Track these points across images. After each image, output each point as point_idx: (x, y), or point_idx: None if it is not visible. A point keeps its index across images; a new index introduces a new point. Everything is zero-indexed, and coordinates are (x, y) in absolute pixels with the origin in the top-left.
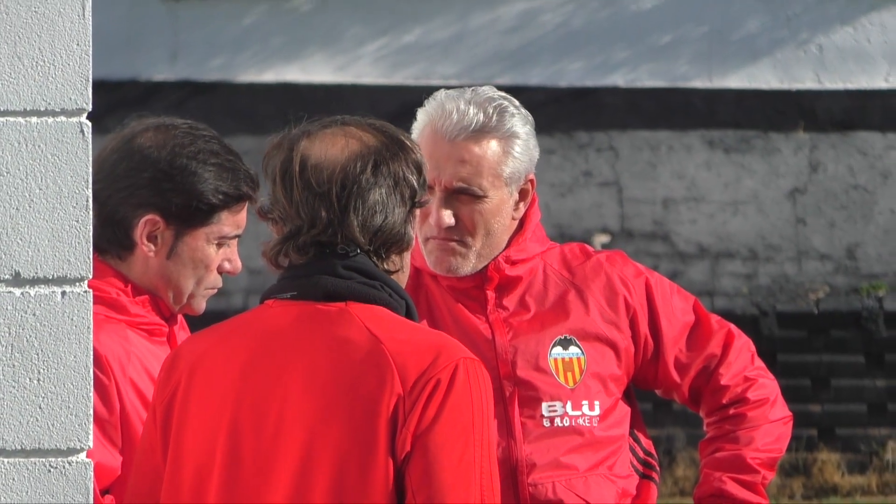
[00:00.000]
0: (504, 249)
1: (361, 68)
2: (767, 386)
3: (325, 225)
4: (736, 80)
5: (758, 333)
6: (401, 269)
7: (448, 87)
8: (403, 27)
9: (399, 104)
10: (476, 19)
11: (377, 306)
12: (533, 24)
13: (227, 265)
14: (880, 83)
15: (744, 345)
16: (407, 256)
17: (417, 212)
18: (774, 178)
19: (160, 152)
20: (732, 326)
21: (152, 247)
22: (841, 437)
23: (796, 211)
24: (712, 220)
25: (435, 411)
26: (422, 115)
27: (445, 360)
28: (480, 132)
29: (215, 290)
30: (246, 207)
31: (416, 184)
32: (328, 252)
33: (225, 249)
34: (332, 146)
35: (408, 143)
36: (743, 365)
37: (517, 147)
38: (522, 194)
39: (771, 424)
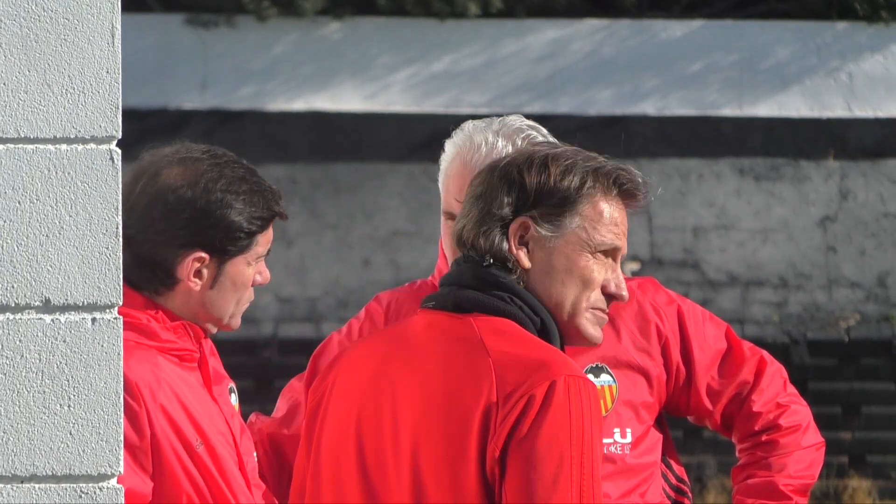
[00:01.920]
0: None
1: (391, 96)
2: (800, 412)
3: (463, 226)
4: (766, 109)
5: (788, 361)
6: (527, 277)
7: (478, 116)
8: (433, 55)
9: (428, 132)
10: (506, 47)
11: (504, 319)
12: (562, 53)
13: (258, 278)
14: None
15: (776, 371)
16: (519, 271)
17: (516, 228)
18: (805, 206)
19: (194, 191)
20: (764, 353)
21: (199, 281)
22: (872, 464)
23: (827, 239)
24: (742, 248)
25: (528, 427)
26: (450, 147)
27: (544, 376)
28: None
29: (248, 304)
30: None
31: (507, 202)
32: (468, 261)
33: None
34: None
35: (526, 160)
36: (775, 391)
37: None
38: None
39: (803, 451)
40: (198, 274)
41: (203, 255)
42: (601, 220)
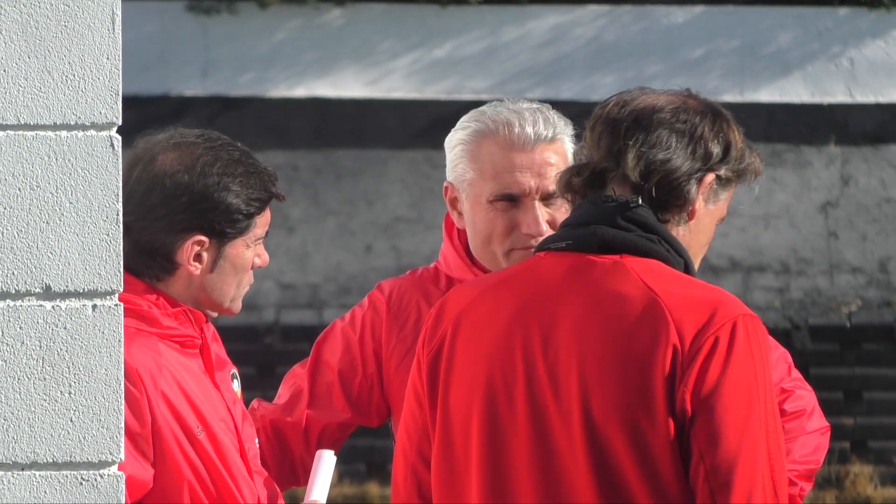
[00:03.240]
0: None
1: (393, 83)
2: (805, 397)
3: (605, 152)
4: (767, 94)
5: (790, 347)
6: (682, 227)
7: (480, 102)
8: (434, 42)
9: (430, 118)
10: (507, 34)
11: (653, 260)
12: (565, 39)
13: (257, 261)
14: None
15: (780, 356)
16: (686, 222)
17: (710, 181)
18: (806, 192)
19: (191, 175)
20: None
21: (199, 265)
22: (874, 449)
23: (828, 224)
24: (744, 233)
25: (718, 371)
26: (473, 134)
27: (724, 316)
28: (554, 137)
29: (248, 287)
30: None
31: (716, 153)
32: (608, 201)
33: (257, 246)
34: (647, 98)
35: (727, 118)
36: (780, 376)
37: (570, 149)
38: None
39: (808, 436)
40: (198, 258)
41: (202, 238)
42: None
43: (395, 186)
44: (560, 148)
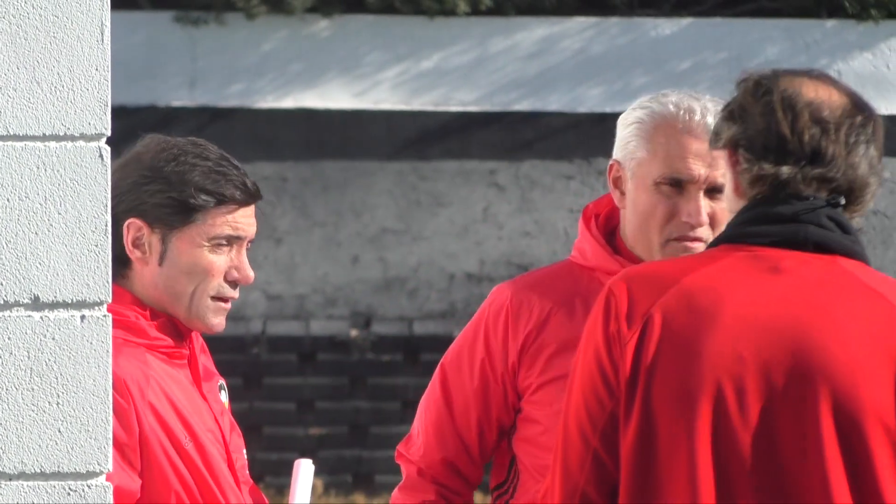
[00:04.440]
0: None
1: (380, 94)
2: None
3: (829, 160)
4: None
5: None
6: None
7: (467, 114)
8: (422, 53)
9: (418, 130)
10: (495, 45)
11: (860, 262)
12: (552, 50)
13: (234, 273)
14: None
15: None
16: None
17: None
18: None
19: (147, 158)
20: None
21: (138, 253)
22: None
23: None
24: None
25: None
26: (653, 114)
27: None
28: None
29: (228, 304)
30: (251, 212)
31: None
32: (812, 199)
33: (231, 256)
34: (819, 90)
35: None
36: None
37: None
38: None
39: None
40: (137, 244)
41: (138, 222)
42: None
43: (383, 198)
44: None
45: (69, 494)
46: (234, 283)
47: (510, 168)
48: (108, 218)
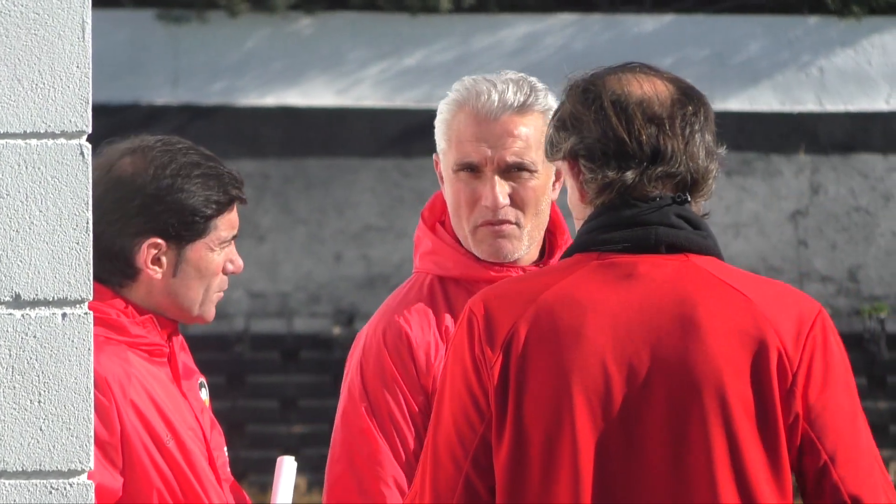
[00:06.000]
0: (560, 236)
1: (363, 91)
2: None
3: (670, 156)
4: (737, 103)
5: None
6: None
7: None
8: (405, 50)
9: (400, 127)
10: (478, 42)
11: (712, 257)
12: (535, 47)
13: (230, 266)
14: (881, 105)
15: None
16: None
17: None
18: (776, 201)
19: (143, 177)
20: None
21: (158, 269)
22: None
23: (798, 233)
24: None
25: (823, 369)
26: (450, 103)
27: (811, 311)
28: (524, 108)
29: (222, 294)
30: (236, 207)
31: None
32: (658, 199)
33: (226, 251)
34: (644, 85)
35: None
36: None
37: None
38: (557, 174)
39: None
40: (156, 261)
41: (158, 241)
42: None
43: (366, 195)
44: (534, 120)
45: (51, 493)
46: (227, 274)
47: None
48: (90, 215)
